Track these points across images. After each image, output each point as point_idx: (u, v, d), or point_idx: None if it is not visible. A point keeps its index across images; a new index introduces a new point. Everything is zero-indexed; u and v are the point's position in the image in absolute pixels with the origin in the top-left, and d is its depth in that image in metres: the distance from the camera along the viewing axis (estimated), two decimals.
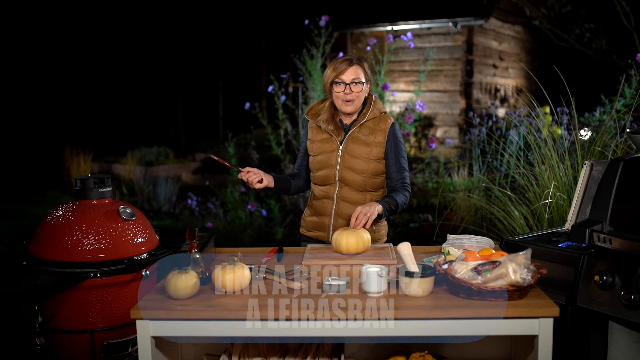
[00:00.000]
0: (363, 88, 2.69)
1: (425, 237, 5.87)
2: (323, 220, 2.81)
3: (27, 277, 2.56)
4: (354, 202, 2.74)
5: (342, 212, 2.76)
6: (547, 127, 5.60)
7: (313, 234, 2.86)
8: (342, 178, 2.74)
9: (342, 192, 2.76)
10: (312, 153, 2.83)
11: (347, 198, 2.76)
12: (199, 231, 2.28)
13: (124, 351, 2.72)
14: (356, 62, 2.70)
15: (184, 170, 11.02)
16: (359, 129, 2.74)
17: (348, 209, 2.74)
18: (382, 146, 2.72)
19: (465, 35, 11.72)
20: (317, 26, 6.04)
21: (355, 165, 2.72)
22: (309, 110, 2.86)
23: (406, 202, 2.75)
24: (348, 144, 2.73)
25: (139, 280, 2.73)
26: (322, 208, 2.81)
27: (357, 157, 2.71)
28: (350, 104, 2.69)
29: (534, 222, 3.50)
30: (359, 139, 2.73)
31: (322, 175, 2.79)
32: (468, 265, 1.95)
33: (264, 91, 11.12)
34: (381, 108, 2.79)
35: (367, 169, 2.72)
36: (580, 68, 9.06)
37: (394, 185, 2.76)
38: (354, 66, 2.68)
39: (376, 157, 2.73)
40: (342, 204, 2.76)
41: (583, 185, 2.52)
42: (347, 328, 1.89)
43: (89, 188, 2.78)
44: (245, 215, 6.26)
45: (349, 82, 2.66)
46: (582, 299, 2.12)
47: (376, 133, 2.72)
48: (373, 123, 2.74)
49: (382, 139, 2.72)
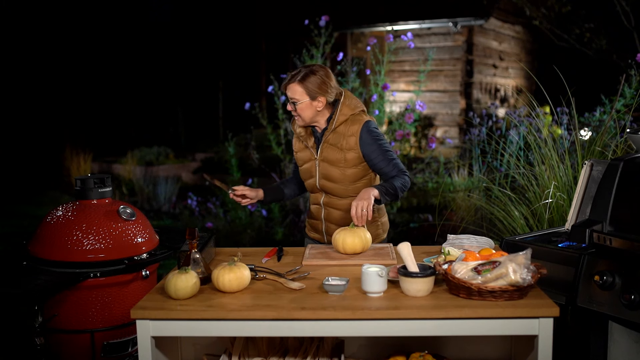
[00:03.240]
0: (302, 106, 2.63)
1: (425, 237, 5.87)
2: (317, 224, 2.86)
3: (27, 277, 2.56)
4: (340, 207, 2.75)
5: (330, 217, 2.79)
6: (547, 127, 5.60)
7: (313, 235, 2.92)
8: (323, 187, 2.75)
9: (327, 200, 2.78)
10: (298, 163, 2.85)
11: (332, 204, 2.77)
12: (199, 231, 2.28)
13: (124, 351, 2.72)
14: (297, 79, 2.62)
15: (184, 170, 11.02)
16: (331, 136, 2.68)
17: (335, 214, 2.77)
18: (357, 151, 2.66)
19: (465, 35, 11.72)
20: (317, 26, 6.04)
21: (332, 174, 2.70)
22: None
23: (406, 185, 2.65)
24: (323, 153, 2.71)
25: (139, 280, 2.73)
26: (315, 213, 2.86)
27: (333, 165, 2.69)
28: (299, 119, 2.69)
29: (534, 222, 3.50)
30: (332, 146, 2.68)
31: (308, 184, 2.82)
32: (468, 265, 1.95)
33: (264, 91, 11.12)
34: (352, 109, 2.68)
35: (345, 178, 2.69)
36: (580, 68, 9.06)
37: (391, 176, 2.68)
38: (290, 85, 2.63)
39: (352, 163, 2.68)
40: (330, 210, 2.78)
41: (583, 185, 2.52)
42: (347, 328, 1.89)
43: (89, 188, 2.79)
44: (245, 215, 6.25)
45: (289, 97, 2.65)
46: (582, 299, 2.12)
47: (347, 138, 2.66)
48: (344, 127, 2.67)
49: (354, 143, 2.65)
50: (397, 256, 2.44)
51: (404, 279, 1.96)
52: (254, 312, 1.89)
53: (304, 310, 1.88)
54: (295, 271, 2.27)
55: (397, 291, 2.00)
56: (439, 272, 1.98)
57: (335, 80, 2.70)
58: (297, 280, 2.15)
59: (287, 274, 2.23)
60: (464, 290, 1.91)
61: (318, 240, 2.88)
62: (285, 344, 2.24)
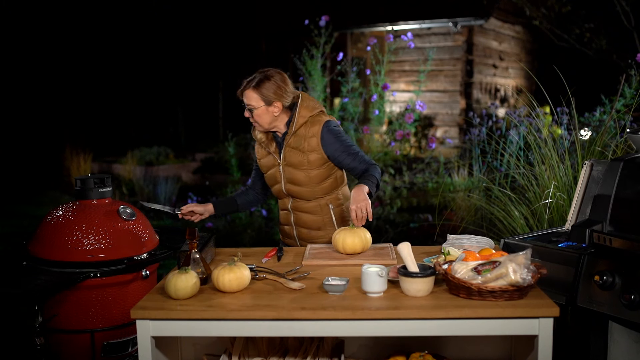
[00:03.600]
0: (259, 112, 2.61)
1: (425, 237, 5.87)
2: (288, 229, 2.86)
3: (27, 277, 2.56)
4: (309, 210, 2.75)
5: (300, 221, 2.79)
6: (547, 127, 5.60)
7: (287, 241, 2.91)
8: (289, 192, 2.75)
9: (295, 204, 2.77)
10: (262, 171, 2.84)
11: (301, 208, 2.77)
12: (199, 231, 2.28)
13: (124, 351, 2.72)
14: (252, 85, 2.60)
15: (184, 170, 11.02)
16: (292, 139, 2.67)
17: (305, 217, 2.77)
18: (319, 152, 2.65)
19: (465, 35, 11.72)
20: (317, 26, 6.04)
21: (297, 178, 2.69)
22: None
23: (381, 175, 2.67)
24: (285, 158, 2.70)
25: (139, 280, 2.73)
26: (284, 219, 2.86)
27: (297, 169, 2.68)
28: (257, 125, 2.68)
29: (534, 222, 3.50)
30: (293, 150, 2.68)
31: (274, 190, 2.81)
32: (468, 265, 1.95)
33: None
34: (310, 110, 2.66)
35: (310, 180, 2.68)
36: (580, 68, 9.06)
37: (359, 171, 2.67)
38: (246, 91, 2.61)
39: (316, 165, 2.67)
40: (298, 214, 2.78)
41: (583, 185, 2.52)
42: (347, 328, 1.89)
43: (89, 188, 2.79)
44: (245, 215, 6.26)
45: (245, 102, 2.63)
46: (582, 299, 2.12)
47: (308, 140, 2.65)
48: (304, 129, 2.66)
49: (316, 145, 2.64)
50: (397, 256, 2.44)
51: (404, 279, 1.96)
52: (254, 312, 1.89)
53: (304, 310, 1.88)
54: (295, 271, 2.27)
55: (397, 291, 2.00)
56: (439, 272, 1.98)
57: (291, 84, 2.68)
58: (297, 280, 2.15)
59: (287, 274, 2.23)
60: (464, 290, 1.91)
61: (291, 245, 2.86)
62: (285, 344, 2.24)
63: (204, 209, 2.76)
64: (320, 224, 2.76)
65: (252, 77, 2.63)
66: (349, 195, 2.85)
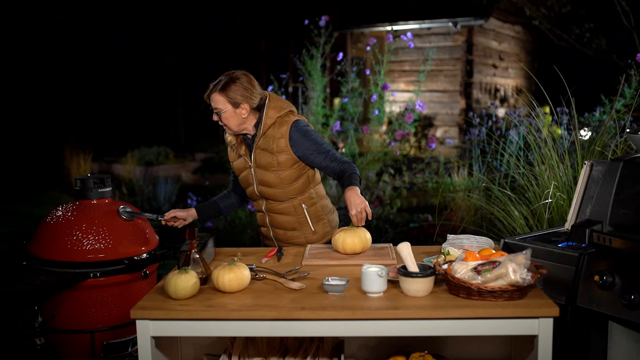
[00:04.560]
0: (226, 115, 2.60)
1: (425, 237, 5.87)
2: (265, 230, 2.86)
3: (27, 277, 2.56)
4: (282, 211, 2.74)
5: (275, 222, 2.78)
6: (547, 127, 5.60)
7: (267, 242, 2.90)
8: (262, 193, 2.74)
9: (269, 205, 2.76)
10: (236, 173, 2.84)
11: (275, 209, 2.76)
12: (199, 231, 2.28)
13: (124, 351, 2.72)
14: (218, 89, 2.58)
15: (184, 170, 11.02)
16: (261, 141, 2.66)
17: (280, 218, 2.76)
18: (288, 153, 2.63)
19: (465, 35, 11.71)
20: (317, 26, 6.04)
21: (267, 179, 2.68)
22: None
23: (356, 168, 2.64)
24: (256, 160, 2.68)
25: (139, 280, 2.73)
26: (261, 220, 2.86)
27: (267, 170, 2.66)
28: (226, 128, 2.67)
29: (534, 222, 3.50)
30: (262, 151, 2.66)
31: (248, 192, 2.81)
32: (468, 265, 1.95)
33: None
34: (278, 111, 2.65)
35: (281, 181, 2.66)
36: (580, 68, 9.06)
37: (333, 169, 2.65)
38: (213, 94, 2.59)
39: (286, 165, 2.65)
40: (273, 215, 2.77)
41: (583, 185, 2.52)
42: (347, 328, 1.89)
43: (89, 188, 2.79)
44: (245, 215, 6.25)
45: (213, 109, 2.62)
46: (582, 299, 2.12)
47: (277, 141, 2.63)
48: (272, 130, 2.64)
49: (284, 145, 2.63)
50: (397, 256, 2.44)
51: (404, 279, 1.96)
52: (254, 312, 1.89)
53: (304, 310, 1.88)
54: (295, 271, 2.27)
55: (397, 291, 2.00)
56: (439, 272, 1.98)
57: (258, 85, 2.66)
58: (297, 280, 2.15)
59: (287, 274, 2.23)
60: (464, 290, 1.91)
61: (270, 246, 2.85)
62: (285, 344, 2.24)
63: (186, 214, 2.76)
64: (295, 224, 2.75)
65: (218, 80, 2.61)
66: (323, 193, 2.84)
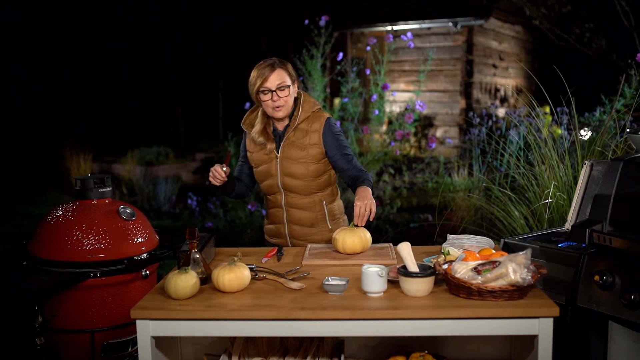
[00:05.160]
0: (290, 91, 2.62)
1: (425, 237, 5.87)
2: (279, 228, 2.82)
3: (27, 277, 2.56)
4: (303, 207, 2.74)
5: (293, 218, 2.76)
6: (547, 127, 5.60)
7: (275, 241, 2.86)
8: (285, 186, 2.72)
9: (289, 199, 2.75)
10: (253, 164, 2.80)
11: (295, 204, 2.75)
12: (199, 231, 2.28)
13: (124, 351, 2.72)
14: (279, 65, 2.61)
15: (184, 170, 11.02)
16: (293, 133, 2.68)
17: (299, 214, 2.75)
18: (320, 147, 2.67)
19: (465, 35, 11.72)
20: (317, 26, 6.04)
21: (294, 171, 2.68)
22: (244, 120, 2.78)
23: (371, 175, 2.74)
24: (284, 151, 2.68)
25: (139, 280, 2.73)
26: (275, 217, 2.82)
27: (296, 162, 2.67)
28: (280, 109, 2.64)
29: (534, 222, 3.50)
30: (294, 143, 2.67)
31: (266, 185, 2.77)
32: (468, 265, 1.95)
33: None
34: (312, 106, 2.71)
35: (307, 173, 2.68)
36: (580, 68, 9.05)
37: (351, 174, 2.70)
38: (276, 70, 2.59)
39: (315, 159, 2.68)
40: (292, 210, 2.76)
41: (583, 185, 2.52)
42: (347, 328, 1.89)
43: (89, 188, 2.79)
44: (245, 215, 6.26)
45: (274, 88, 2.59)
46: (582, 299, 2.12)
47: (310, 134, 2.66)
48: (306, 124, 2.68)
49: (317, 140, 2.67)
50: (397, 256, 2.44)
51: (404, 279, 1.96)
52: (254, 312, 1.89)
53: (304, 310, 1.88)
54: (295, 271, 2.27)
55: (397, 291, 2.00)
56: (439, 272, 1.98)
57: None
58: (297, 280, 2.15)
59: (287, 274, 2.23)
60: (464, 290, 1.91)
61: (280, 244, 2.82)
62: (285, 344, 2.24)
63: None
64: (313, 220, 2.75)
65: (271, 61, 2.61)
66: (338, 193, 2.86)
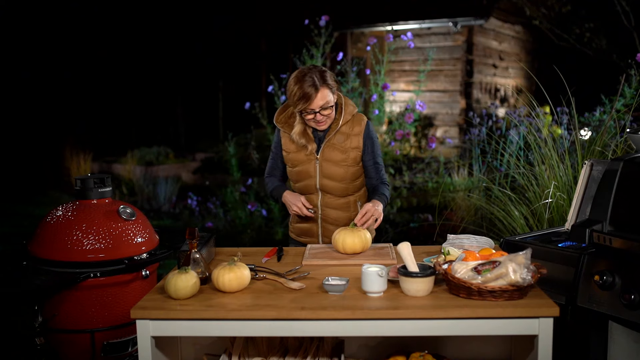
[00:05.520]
0: (332, 106, 2.60)
1: (425, 237, 5.86)
2: (311, 227, 2.82)
3: (27, 277, 2.56)
4: (338, 207, 2.75)
5: (329, 218, 2.77)
6: (547, 127, 5.60)
7: (304, 239, 2.86)
8: (323, 187, 2.73)
9: (325, 200, 2.76)
10: (289, 164, 2.78)
11: (330, 204, 2.76)
12: (199, 231, 2.28)
13: (124, 351, 2.72)
14: (321, 83, 2.53)
15: (184, 170, 11.02)
16: (334, 136, 2.68)
17: (335, 214, 2.76)
18: (359, 150, 2.69)
19: (465, 35, 11.72)
20: (317, 26, 6.04)
21: (334, 174, 2.69)
22: (277, 116, 2.75)
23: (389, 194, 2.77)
24: (325, 153, 2.68)
25: (139, 280, 2.73)
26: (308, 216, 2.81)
27: (336, 164, 2.68)
28: (323, 124, 2.64)
29: (534, 222, 3.50)
30: (334, 146, 2.68)
31: (303, 185, 2.77)
32: (468, 265, 1.95)
33: (264, 91, 11.12)
34: (352, 110, 2.70)
35: (347, 176, 2.70)
36: (580, 68, 9.05)
37: (373, 183, 2.75)
38: (320, 90, 2.52)
39: (354, 162, 2.70)
40: (327, 210, 2.77)
41: (583, 185, 2.52)
42: (347, 328, 1.89)
43: (89, 188, 2.79)
44: (245, 215, 6.26)
45: (318, 110, 2.55)
46: (582, 299, 2.12)
47: (351, 138, 2.67)
48: (347, 127, 2.68)
49: (358, 143, 2.68)
50: (397, 256, 2.44)
51: (404, 279, 1.96)
52: (254, 312, 1.89)
53: (304, 310, 1.88)
54: (295, 271, 2.27)
55: (397, 291, 2.00)
56: (439, 272, 1.98)
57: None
58: (297, 280, 2.15)
59: (287, 274, 2.23)
60: (464, 290, 1.91)
61: (308, 243, 2.82)
62: (285, 344, 2.24)
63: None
64: (347, 220, 2.75)
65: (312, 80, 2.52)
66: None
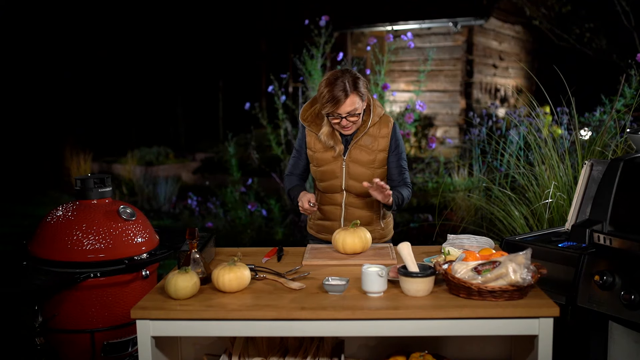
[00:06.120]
0: (360, 113, 2.58)
1: (425, 237, 5.86)
2: (333, 225, 2.79)
3: (27, 277, 2.56)
4: (362, 206, 2.75)
5: (352, 217, 2.75)
6: (547, 127, 5.60)
7: (323, 237, 2.84)
8: (348, 187, 2.72)
9: (350, 199, 2.75)
10: (314, 163, 2.76)
11: (354, 204, 2.75)
12: (199, 231, 2.28)
13: (124, 351, 2.72)
14: (352, 89, 2.49)
15: (184, 170, 11.02)
16: (361, 138, 2.67)
17: (358, 213, 2.75)
18: (386, 152, 2.70)
19: (465, 35, 11.72)
20: (317, 26, 6.04)
21: (361, 174, 2.68)
22: (303, 113, 2.74)
23: (409, 198, 2.75)
24: (352, 154, 2.68)
25: (139, 280, 2.74)
26: (331, 214, 2.79)
27: (363, 166, 2.68)
28: (348, 130, 2.63)
29: (534, 222, 3.50)
30: (362, 147, 2.67)
31: (328, 185, 2.75)
32: (468, 265, 1.95)
33: (264, 91, 11.12)
34: (380, 111, 2.70)
35: (373, 177, 2.68)
36: (580, 68, 9.05)
37: (395, 185, 2.74)
38: (350, 97, 2.49)
39: (381, 164, 2.71)
40: (351, 209, 2.76)
41: (583, 185, 2.52)
42: (347, 328, 1.89)
43: (89, 188, 2.79)
44: (245, 215, 6.25)
45: (344, 115, 2.54)
46: (582, 299, 2.12)
47: (379, 140, 2.67)
48: (375, 130, 2.68)
49: (385, 145, 2.68)
50: (397, 256, 2.44)
51: (404, 279, 1.96)
52: (254, 312, 1.89)
53: (304, 310, 1.88)
54: (295, 271, 2.27)
55: (397, 291, 2.00)
56: (439, 272, 1.98)
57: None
58: (297, 280, 2.15)
59: (287, 274, 2.23)
60: (464, 290, 1.91)
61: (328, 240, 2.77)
62: (285, 344, 2.24)
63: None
64: (369, 219, 2.75)
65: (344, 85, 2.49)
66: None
